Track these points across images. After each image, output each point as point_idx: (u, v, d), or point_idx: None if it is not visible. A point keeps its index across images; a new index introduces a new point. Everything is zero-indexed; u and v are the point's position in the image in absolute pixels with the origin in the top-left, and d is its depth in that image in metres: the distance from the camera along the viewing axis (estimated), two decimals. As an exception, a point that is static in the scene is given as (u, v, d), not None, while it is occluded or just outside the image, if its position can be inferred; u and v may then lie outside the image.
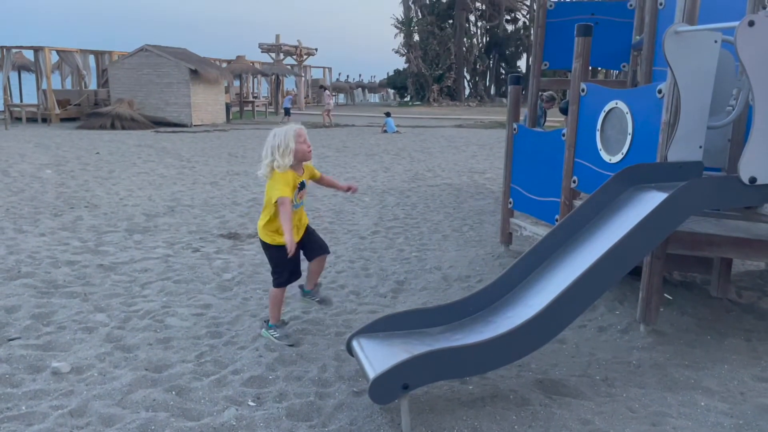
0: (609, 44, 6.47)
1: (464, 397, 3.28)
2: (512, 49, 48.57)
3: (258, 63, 33.58)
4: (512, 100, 6.12)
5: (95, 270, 5.49)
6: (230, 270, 5.62)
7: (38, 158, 12.98)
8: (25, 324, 4.19)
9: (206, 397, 3.28)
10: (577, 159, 4.84)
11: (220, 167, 12.62)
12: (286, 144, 3.78)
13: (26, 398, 3.22)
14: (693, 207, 3.48)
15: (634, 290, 4.47)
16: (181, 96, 23.31)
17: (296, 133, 3.83)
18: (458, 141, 19.17)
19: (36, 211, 7.93)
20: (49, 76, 23.72)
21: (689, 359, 3.81)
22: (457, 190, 10.36)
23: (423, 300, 4.93)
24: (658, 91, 3.91)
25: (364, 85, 53.87)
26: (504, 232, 6.27)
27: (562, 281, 3.32)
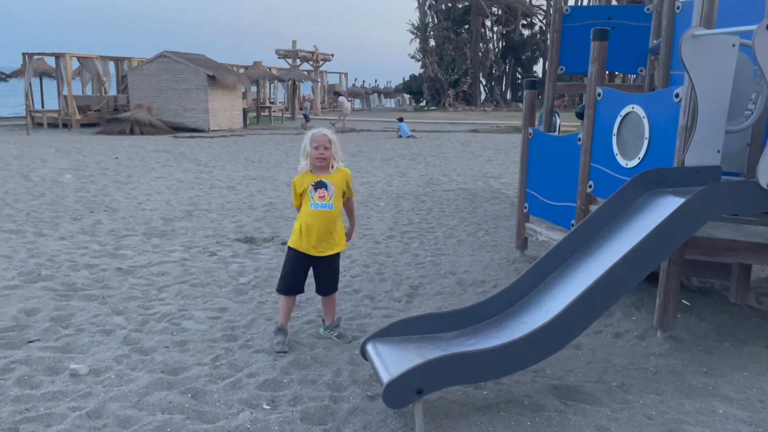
0: (626, 48, 6.42)
1: (478, 403, 3.27)
2: (528, 53, 48.38)
3: (275, 69, 33.83)
4: (528, 105, 6.10)
5: (113, 273, 5.55)
6: (246, 274, 5.65)
7: (59, 163, 13.18)
8: (44, 326, 4.25)
9: (221, 400, 3.30)
10: (593, 164, 4.81)
11: (236, 172, 12.71)
12: (304, 146, 3.93)
13: (45, 399, 3.27)
14: (711, 212, 3.45)
15: (651, 296, 4.43)
16: (199, 101, 23.54)
17: (312, 136, 3.91)
18: (474, 146, 19.13)
19: (56, 215, 8.04)
20: (69, 83, 24.11)
21: (707, 366, 3.76)
22: (473, 194, 10.33)
23: (437, 305, 4.93)
24: (675, 96, 3.88)
25: (379, 91, 53.98)
26: (519, 237, 6.24)
27: (577, 286, 3.30)
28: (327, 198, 3.91)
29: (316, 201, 3.90)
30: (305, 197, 3.94)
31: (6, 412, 3.12)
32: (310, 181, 3.93)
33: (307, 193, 3.93)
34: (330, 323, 4.20)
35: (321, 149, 3.87)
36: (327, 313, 4.22)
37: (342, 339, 4.11)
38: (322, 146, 3.87)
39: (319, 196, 3.90)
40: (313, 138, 3.89)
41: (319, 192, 3.90)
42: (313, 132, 3.95)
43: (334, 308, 4.25)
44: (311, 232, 3.93)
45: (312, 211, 3.91)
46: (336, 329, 4.18)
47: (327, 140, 3.88)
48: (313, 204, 3.91)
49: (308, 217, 3.92)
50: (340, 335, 4.15)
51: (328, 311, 4.21)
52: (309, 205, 3.92)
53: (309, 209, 3.92)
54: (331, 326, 4.19)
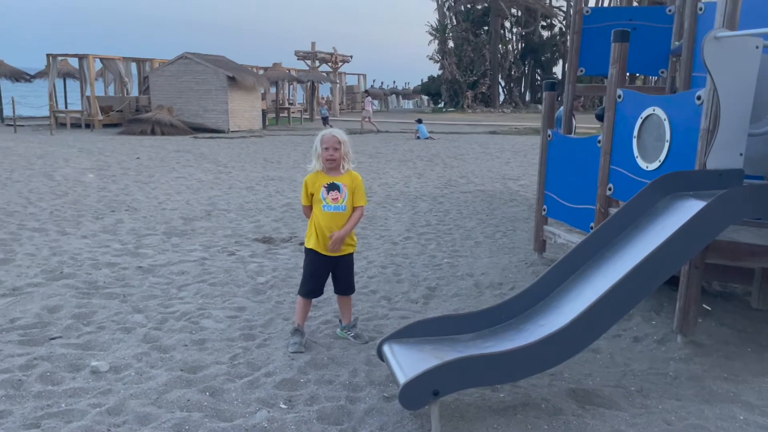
0: (647, 50, 6.36)
1: (495, 405, 3.26)
2: (548, 55, 48.11)
3: (294, 70, 34.00)
4: (547, 107, 6.07)
5: (134, 272, 5.62)
6: (264, 274, 5.69)
7: (81, 163, 13.38)
8: (66, 323, 4.32)
9: (239, 399, 3.33)
10: (612, 166, 4.77)
11: (255, 172, 12.80)
12: (315, 147, 3.98)
13: (66, 396, 3.32)
14: (733, 216, 3.40)
15: (671, 300, 4.38)
16: (219, 102, 23.75)
17: (322, 137, 3.96)
18: (492, 147, 19.06)
19: (78, 214, 8.16)
20: (92, 83, 24.45)
21: (728, 372, 3.71)
22: (491, 196, 10.30)
23: (454, 307, 4.92)
24: (697, 98, 3.84)
25: (398, 92, 54.02)
26: (537, 240, 6.21)
27: (596, 289, 3.28)
28: (340, 200, 3.94)
29: (329, 203, 3.92)
30: (317, 198, 3.95)
31: (28, 407, 3.18)
32: (322, 182, 3.94)
33: (319, 195, 3.94)
34: (347, 324, 4.22)
35: (331, 150, 3.90)
36: (344, 314, 4.24)
37: (358, 339, 4.12)
38: (332, 147, 3.89)
39: (332, 198, 3.93)
40: (323, 139, 3.93)
41: (332, 194, 3.93)
42: (323, 133, 3.99)
43: (351, 309, 4.27)
44: (326, 234, 3.95)
45: (325, 213, 3.94)
46: (353, 329, 4.20)
47: (337, 141, 3.91)
48: (326, 206, 3.93)
49: (321, 219, 3.95)
50: (356, 335, 4.17)
51: (344, 312, 4.24)
52: (321, 207, 3.94)
53: (322, 211, 3.94)
54: (347, 326, 4.21)
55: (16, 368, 3.59)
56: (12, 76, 27.16)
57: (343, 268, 4.09)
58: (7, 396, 3.29)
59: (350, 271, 4.15)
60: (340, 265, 4.07)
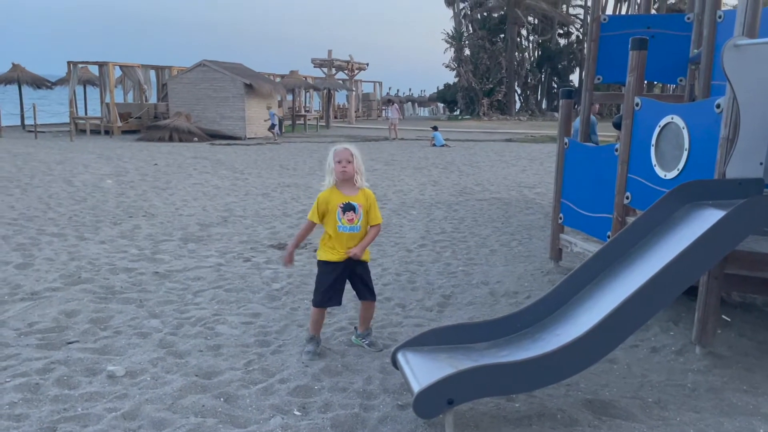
0: (665, 58, 6.31)
1: (510, 415, 3.23)
2: (564, 63, 47.89)
3: (310, 77, 34.21)
4: (563, 114, 6.04)
5: (151, 277, 5.67)
6: (279, 280, 5.71)
7: (100, 169, 13.54)
8: (83, 328, 4.36)
9: (253, 405, 3.34)
10: (630, 174, 4.73)
11: (271, 179, 12.87)
12: (328, 163, 3.95)
13: (82, 400, 3.35)
14: (752, 225, 3.35)
15: (689, 310, 4.33)
16: (236, 110, 23.95)
17: (334, 151, 3.92)
18: (508, 155, 19.00)
19: (97, 219, 8.26)
20: (112, 90, 24.79)
21: (748, 384, 3.65)
22: (506, 204, 10.25)
23: (469, 315, 4.90)
24: (716, 106, 3.80)
25: (413, 99, 54.11)
26: (554, 248, 6.17)
27: (613, 299, 3.24)
28: (355, 221, 3.92)
29: (344, 224, 3.90)
30: (331, 217, 3.90)
31: (45, 411, 3.21)
32: (337, 201, 3.89)
33: (334, 215, 3.89)
34: (362, 332, 4.21)
35: (344, 162, 3.86)
36: (363, 322, 4.21)
37: (373, 347, 4.12)
38: (345, 160, 3.86)
39: (348, 219, 3.90)
40: (336, 153, 3.91)
41: (347, 215, 3.89)
42: (335, 147, 3.97)
43: (371, 318, 4.23)
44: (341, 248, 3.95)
45: (341, 234, 3.92)
46: (368, 338, 4.19)
47: (349, 154, 3.88)
48: (341, 227, 3.90)
49: (336, 238, 3.94)
50: (371, 343, 4.16)
51: (364, 319, 4.20)
52: (337, 228, 3.90)
53: (337, 231, 3.91)
54: (363, 335, 4.20)
55: (34, 372, 3.63)
56: (33, 83, 27.60)
57: (359, 274, 4.07)
58: (24, 399, 3.32)
59: (368, 275, 4.13)
60: (356, 271, 4.05)
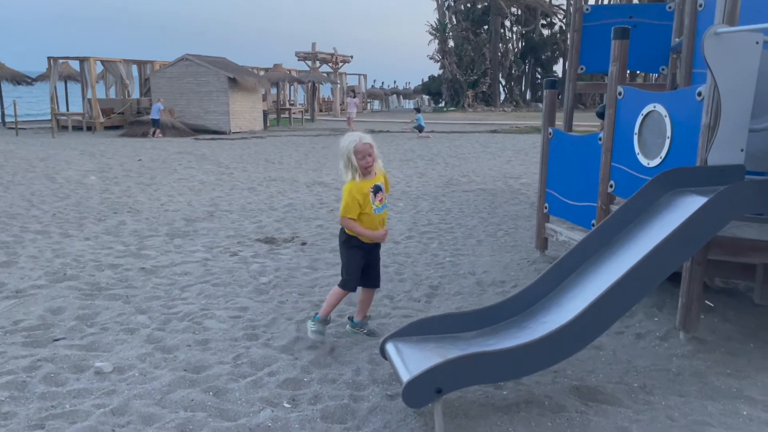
0: (647, 47, 6.36)
1: (498, 403, 3.27)
2: (548, 53, 48.06)
3: (294, 71, 34.02)
4: (548, 105, 6.07)
5: (137, 273, 5.64)
6: (267, 274, 5.70)
7: (83, 165, 13.40)
8: (69, 325, 4.33)
9: (242, 398, 3.34)
10: (614, 163, 4.77)
11: (257, 173, 12.81)
12: (348, 159, 3.91)
13: (70, 397, 3.33)
14: (734, 211, 3.40)
15: (673, 296, 4.39)
16: (220, 104, 23.78)
17: (355, 149, 3.89)
18: (493, 146, 19.06)
19: (81, 216, 8.18)
20: (93, 86, 24.48)
21: (731, 367, 3.71)
22: (492, 195, 10.30)
23: (457, 305, 4.92)
24: (697, 94, 3.84)
25: (398, 92, 54.03)
26: (539, 237, 6.21)
27: (598, 286, 3.28)
28: (384, 200, 4.12)
29: (377, 205, 4.04)
30: (366, 204, 3.98)
31: (32, 409, 3.19)
32: (367, 188, 3.98)
33: (368, 200, 3.99)
34: (360, 320, 4.29)
35: (366, 158, 3.92)
36: (362, 309, 4.29)
37: (373, 335, 4.19)
38: (367, 154, 3.92)
39: (379, 199, 4.06)
40: (357, 150, 3.88)
41: (378, 196, 4.05)
42: (353, 144, 3.89)
43: (369, 304, 4.35)
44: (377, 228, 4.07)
45: (377, 216, 4.05)
46: (366, 326, 4.28)
47: (369, 146, 3.93)
48: (376, 209, 4.03)
49: (374, 220, 4.04)
50: (370, 332, 4.24)
51: (364, 307, 4.29)
52: (373, 211, 4.01)
53: (373, 214, 4.02)
54: (361, 323, 4.28)
55: (20, 370, 3.60)
56: (13, 80, 27.17)
57: (377, 259, 4.23)
58: (11, 397, 3.30)
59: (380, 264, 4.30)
60: (376, 254, 4.21)
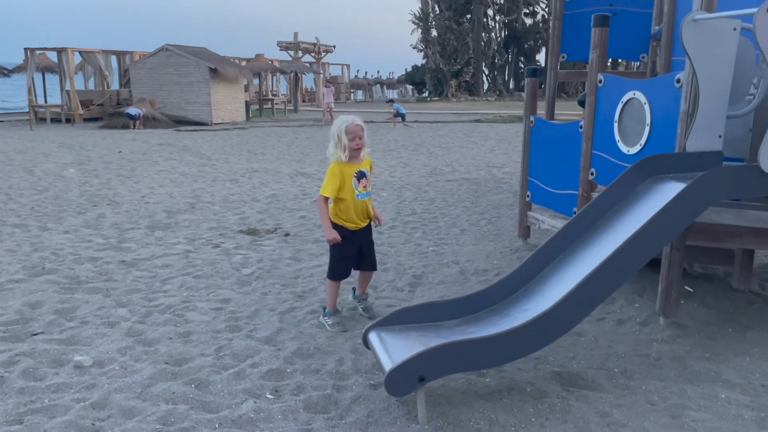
0: (627, 35, 6.38)
1: (481, 390, 3.28)
2: (531, 42, 48.10)
3: (277, 61, 33.72)
4: (529, 93, 6.08)
5: (117, 266, 5.57)
6: (249, 265, 5.67)
7: (62, 157, 13.21)
8: (48, 319, 4.28)
9: (225, 390, 3.32)
10: (594, 151, 4.79)
11: (239, 164, 12.72)
12: (339, 138, 3.99)
13: (49, 391, 3.29)
14: (712, 197, 3.43)
15: (653, 282, 4.42)
16: (202, 95, 23.54)
17: (346, 128, 3.98)
18: (476, 136, 19.09)
19: (60, 209, 8.07)
20: (72, 77, 24.10)
21: (710, 352, 3.76)
22: (476, 184, 10.32)
23: (440, 294, 4.93)
24: (676, 81, 3.86)
25: (382, 82, 53.81)
26: (522, 226, 6.24)
27: (579, 273, 3.30)
28: (368, 186, 4.16)
29: (361, 191, 4.11)
30: (348, 188, 4.07)
31: (11, 404, 3.15)
32: (350, 172, 4.05)
33: (351, 184, 4.06)
34: (360, 294, 4.44)
35: (357, 139, 3.99)
36: (361, 285, 4.44)
37: (367, 312, 4.30)
38: (358, 135, 3.99)
39: (362, 186, 4.11)
40: (348, 130, 3.98)
41: (362, 182, 4.10)
42: (346, 124, 4.00)
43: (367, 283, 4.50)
44: (358, 215, 4.15)
45: (359, 201, 4.12)
46: (364, 301, 4.42)
47: (361, 129, 4.02)
48: (358, 195, 4.10)
49: (354, 206, 4.12)
50: (366, 308, 4.37)
51: (361, 284, 4.43)
52: (355, 196, 4.09)
53: (355, 200, 4.10)
54: (361, 298, 4.43)
55: (-2, 365, 3.55)
56: (-11, 71, 26.71)
57: (369, 243, 4.30)
58: (-11, 393, 3.25)
59: (374, 245, 4.39)
60: (369, 239, 4.28)
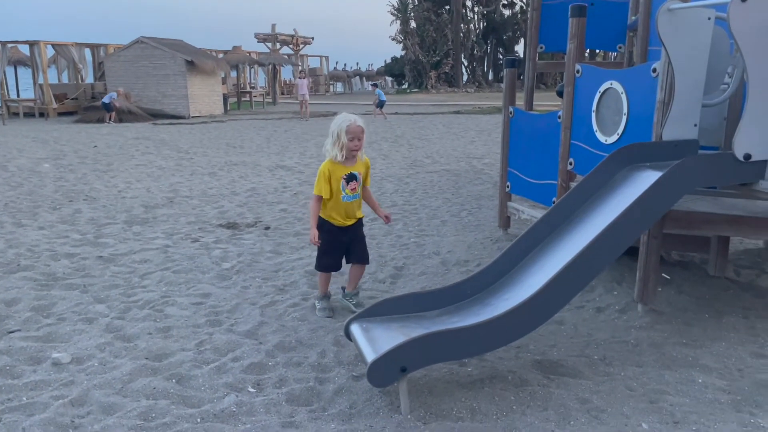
0: (604, 25, 6.42)
1: (463, 379, 3.30)
2: (509, 33, 48.28)
3: (254, 53, 33.42)
4: (508, 84, 6.10)
5: (94, 262, 5.50)
6: (229, 259, 5.63)
7: (36, 152, 12.97)
8: (25, 316, 4.21)
9: (206, 385, 3.30)
10: (573, 141, 4.83)
11: (218, 158, 12.60)
12: (338, 136, 3.90)
13: (27, 389, 3.24)
14: (687, 185, 3.48)
15: (631, 270, 4.48)
16: (178, 87, 23.25)
17: (347, 128, 3.91)
18: (456, 127, 19.13)
19: (35, 205, 7.93)
20: (45, 71, 23.65)
21: (687, 338, 3.82)
22: (456, 175, 10.35)
23: (422, 285, 4.94)
24: (652, 71, 3.89)
25: (361, 74, 53.65)
26: (502, 216, 6.27)
27: (558, 262, 3.32)
28: (357, 189, 4.09)
29: (348, 194, 4.04)
30: (335, 188, 4.01)
31: (-12, 402, 3.09)
32: (341, 174, 3.99)
33: (338, 186, 4.00)
34: (350, 291, 4.40)
35: (356, 140, 3.91)
36: (352, 281, 4.40)
37: (360, 308, 4.25)
38: (357, 137, 3.91)
39: (351, 188, 4.04)
40: (349, 129, 3.89)
41: (350, 185, 4.03)
42: (347, 123, 3.91)
43: (360, 278, 4.45)
44: (341, 215, 4.12)
45: (344, 203, 4.07)
46: (355, 297, 4.40)
47: (362, 130, 3.93)
48: (345, 197, 4.05)
49: (341, 207, 4.08)
50: (358, 304, 4.35)
51: (354, 280, 4.39)
52: (341, 198, 4.04)
53: (341, 201, 4.05)
54: (351, 294, 4.39)
55: (-26, 364, 3.49)
56: (-41, 65, 26.09)
57: (358, 237, 4.26)
58: (-36, 392, 3.19)
59: (364, 240, 4.35)
60: (359, 234, 4.25)
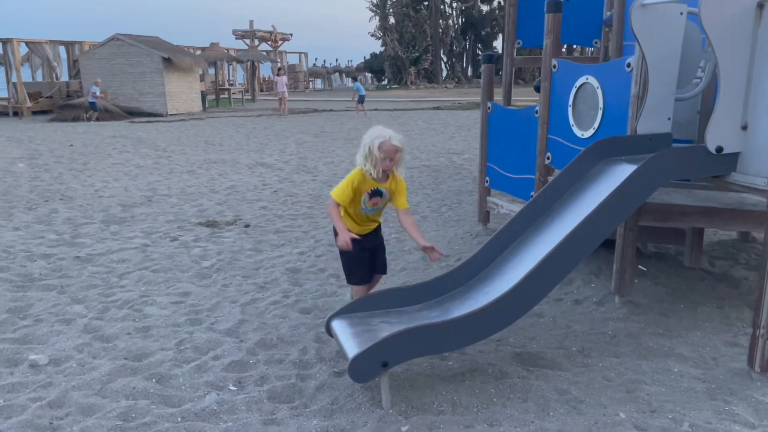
0: (580, 21, 6.48)
1: (444, 373, 3.33)
2: (488, 29, 48.44)
3: (233, 50, 33.17)
4: (486, 79, 6.13)
5: (71, 262, 5.43)
6: (209, 257, 5.59)
7: (10, 152, 12.76)
8: (1, 318, 4.14)
9: (187, 384, 3.28)
10: (550, 135, 4.87)
11: (197, 156, 12.50)
12: (371, 151, 3.58)
13: (3, 392, 3.20)
14: (662, 178, 3.53)
15: (608, 263, 4.54)
16: (155, 85, 22.99)
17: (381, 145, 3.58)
18: (436, 123, 19.17)
19: (9, 205, 7.80)
20: (18, 69, 23.21)
21: (663, 328, 3.89)
22: (436, 171, 10.38)
23: (403, 281, 4.96)
24: (627, 65, 3.94)
25: (341, 70, 53.47)
26: (481, 211, 6.31)
27: (537, 255, 3.36)
28: (379, 204, 3.79)
29: (368, 207, 3.75)
30: (357, 200, 3.72)
31: (-37, 406, 3.05)
32: (367, 187, 3.69)
33: (360, 198, 3.71)
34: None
35: (388, 160, 3.61)
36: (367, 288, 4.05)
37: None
38: (390, 157, 3.61)
39: (373, 203, 3.75)
40: (383, 147, 3.56)
41: (373, 200, 3.74)
42: (381, 140, 3.57)
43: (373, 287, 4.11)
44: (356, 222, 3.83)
45: (361, 214, 3.79)
46: None
47: (395, 150, 3.61)
48: (363, 209, 3.76)
49: (356, 216, 3.81)
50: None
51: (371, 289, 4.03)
52: (359, 209, 3.75)
53: (359, 211, 3.77)
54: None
55: (-52, 367, 3.44)
56: (-71, 64, 25.52)
57: (382, 248, 4.02)
58: (-61, 396, 3.14)
59: (385, 249, 4.09)
60: (377, 245, 3.97)
